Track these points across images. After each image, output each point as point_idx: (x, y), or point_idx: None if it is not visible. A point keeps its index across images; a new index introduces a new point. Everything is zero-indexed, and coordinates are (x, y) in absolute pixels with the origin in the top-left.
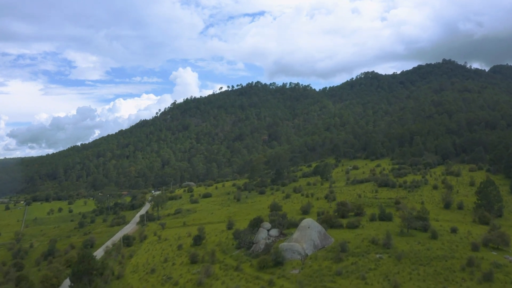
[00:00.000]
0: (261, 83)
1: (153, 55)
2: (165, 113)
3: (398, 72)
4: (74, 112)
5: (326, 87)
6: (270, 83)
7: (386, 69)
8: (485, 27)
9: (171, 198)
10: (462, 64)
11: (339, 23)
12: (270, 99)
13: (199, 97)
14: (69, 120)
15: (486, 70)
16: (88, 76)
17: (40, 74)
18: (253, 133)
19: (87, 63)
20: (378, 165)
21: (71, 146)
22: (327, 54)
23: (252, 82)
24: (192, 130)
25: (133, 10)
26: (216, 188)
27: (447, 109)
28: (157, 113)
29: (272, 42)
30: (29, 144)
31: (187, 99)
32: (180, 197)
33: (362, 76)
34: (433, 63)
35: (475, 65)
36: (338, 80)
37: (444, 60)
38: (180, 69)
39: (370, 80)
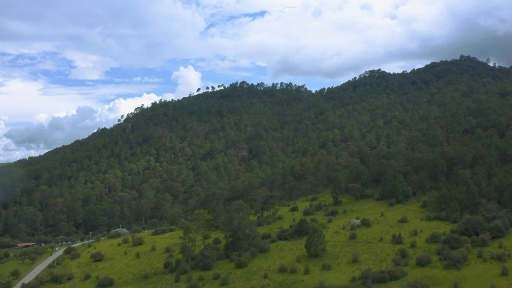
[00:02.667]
0: (247, 83)
1: (154, 54)
2: (128, 119)
3: (408, 71)
4: (74, 112)
5: (324, 88)
6: (258, 83)
7: (393, 68)
8: (508, 23)
9: (55, 280)
10: (484, 62)
11: (348, 20)
12: (256, 103)
13: (170, 100)
14: (68, 120)
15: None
16: (88, 76)
17: (40, 74)
18: (229, 148)
19: (87, 63)
20: (403, 220)
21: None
22: (335, 52)
23: (237, 82)
24: (153, 143)
25: (133, 9)
26: (138, 256)
27: (494, 121)
28: (119, 120)
29: (277, 40)
30: (25, 144)
31: (155, 103)
32: (70, 278)
33: (367, 75)
34: (448, 60)
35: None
36: (346, 80)
37: (462, 56)
38: (182, 68)
39: (377, 80)
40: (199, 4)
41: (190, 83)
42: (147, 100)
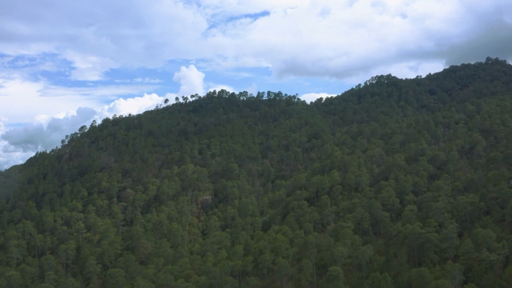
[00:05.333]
0: (228, 92)
1: (154, 55)
2: (73, 140)
3: (423, 76)
4: (74, 113)
5: (321, 98)
6: (240, 93)
7: (404, 69)
8: None
9: None
10: None
11: (358, 17)
12: (234, 119)
13: (127, 115)
14: (68, 122)
15: None
16: (89, 77)
17: (40, 75)
18: (187, 189)
19: (87, 64)
20: None
21: None
22: (343, 51)
23: (215, 90)
24: (87, 181)
25: (133, 9)
26: None
27: None
28: (63, 141)
29: (281, 40)
30: (22, 145)
31: (107, 119)
32: None
33: (374, 81)
34: (472, 63)
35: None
36: (355, 80)
37: (488, 59)
38: (184, 68)
39: (387, 88)
40: (200, 5)
41: (193, 83)
42: (148, 100)
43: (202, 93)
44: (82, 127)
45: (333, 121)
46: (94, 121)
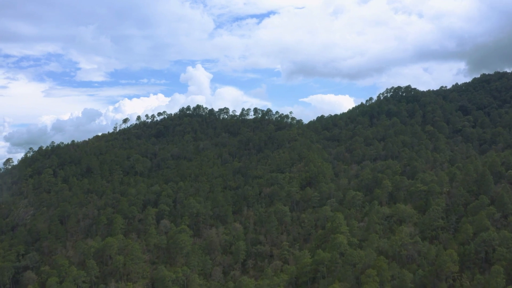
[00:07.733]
0: (205, 108)
1: (159, 56)
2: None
3: (448, 86)
4: (79, 114)
5: (322, 116)
6: (219, 110)
7: (417, 70)
8: None
9: None
10: None
11: (373, 16)
12: (205, 149)
13: (68, 142)
14: (73, 123)
15: None
16: (94, 78)
17: (45, 76)
18: (111, 276)
19: (92, 64)
20: None
21: None
22: (358, 51)
23: (189, 106)
24: None
25: (138, 9)
26: None
27: None
28: None
29: (291, 39)
30: (24, 146)
31: (41, 148)
32: None
33: (389, 94)
34: (508, 71)
35: None
36: (367, 82)
37: None
38: (190, 68)
39: (406, 105)
40: (206, 4)
41: (200, 84)
42: (155, 101)
43: (210, 94)
44: (7, 160)
45: (336, 154)
46: (30, 148)
